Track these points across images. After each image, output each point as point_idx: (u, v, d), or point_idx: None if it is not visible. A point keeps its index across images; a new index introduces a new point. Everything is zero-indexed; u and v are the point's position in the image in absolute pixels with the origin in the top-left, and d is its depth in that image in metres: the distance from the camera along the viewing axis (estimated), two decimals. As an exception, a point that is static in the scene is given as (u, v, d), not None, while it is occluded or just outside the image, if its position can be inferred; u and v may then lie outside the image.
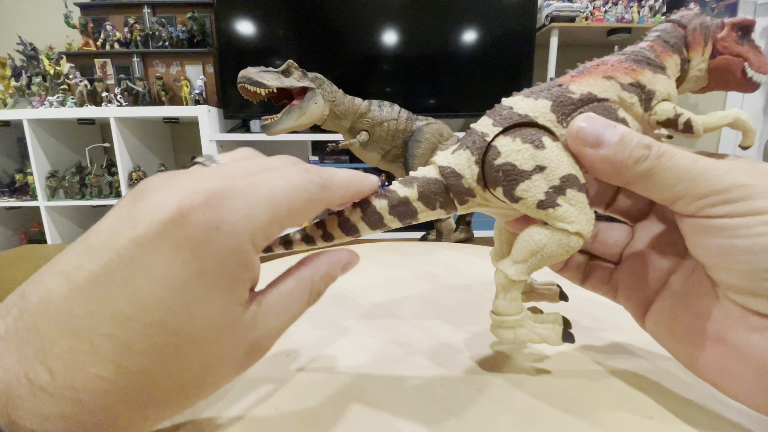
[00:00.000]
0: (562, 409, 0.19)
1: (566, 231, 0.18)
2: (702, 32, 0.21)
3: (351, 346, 0.26)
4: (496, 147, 0.19)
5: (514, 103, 0.19)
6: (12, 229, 2.00)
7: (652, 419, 0.19)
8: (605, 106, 0.19)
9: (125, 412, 0.14)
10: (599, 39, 1.84)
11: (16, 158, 1.99)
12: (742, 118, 0.19)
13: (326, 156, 1.76)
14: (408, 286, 0.37)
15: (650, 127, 0.20)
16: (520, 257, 0.19)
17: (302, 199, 0.17)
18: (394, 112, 0.54)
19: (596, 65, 0.20)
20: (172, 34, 1.84)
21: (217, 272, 0.14)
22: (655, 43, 0.20)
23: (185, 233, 0.14)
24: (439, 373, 0.23)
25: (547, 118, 0.19)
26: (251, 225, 0.15)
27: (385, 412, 0.19)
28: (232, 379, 0.17)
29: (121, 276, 0.13)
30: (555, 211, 0.18)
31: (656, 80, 0.19)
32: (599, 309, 0.30)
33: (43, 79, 1.77)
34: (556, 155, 0.18)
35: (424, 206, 0.20)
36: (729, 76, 0.21)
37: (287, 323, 0.17)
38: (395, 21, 1.71)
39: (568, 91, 0.19)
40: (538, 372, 0.23)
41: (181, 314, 0.14)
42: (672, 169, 0.16)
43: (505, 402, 0.20)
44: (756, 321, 0.16)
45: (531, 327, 0.20)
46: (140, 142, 1.84)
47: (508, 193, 0.19)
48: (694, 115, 0.19)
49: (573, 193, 0.18)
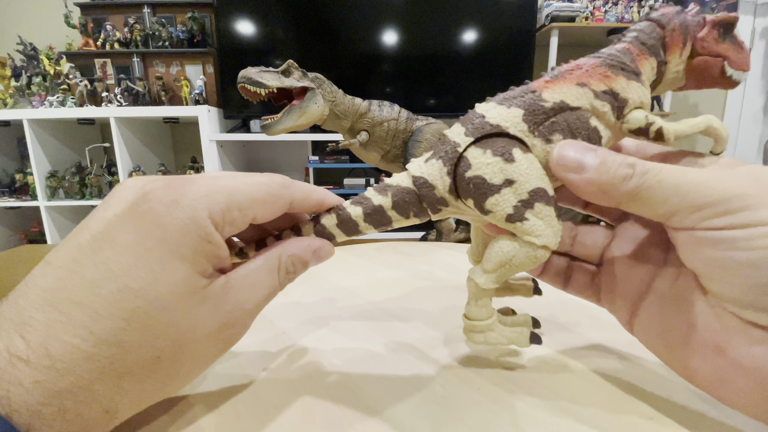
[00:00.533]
0: (562, 409, 0.19)
1: (533, 244, 0.18)
2: (681, 32, 0.20)
3: (350, 346, 0.26)
4: (467, 158, 0.19)
5: (487, 111, 0.19)
6: (12, 229, 2.00)
7: (652, 420, 0.19)
8: (578, 114, 0.19)
9: (100, 381, 0.14)
10: (599, 39, 1.84)
11: (16, 158, 1.99)
12: (714, 125, 0.19)
13: (326, 156, 1.75)
14: (408, 286, 0.37)
15: (622, 135, 0.20)
16: (490, 267, 0.20)
17: (261, 191, 0.18)
18: (394, 112, 0.54)
19: (571, 70, 0.19)
20: (172, 34, 1.84)
21: (178, 241, 0.15)
22: (632, 46, 0.20)
23: (148, 207, 0.15)
24: (439, 373, 0.23)
25: (519, 128, 0.19)
26: (209, 203, 0.16)
27: (384, 412, 0.19)
28: (210, 359, 0.18)
29: (91, 249, 0.14)
30: (523, 225, 0.18)
31: (630, 88, 0.19)
32: (599, 309, 0.30)
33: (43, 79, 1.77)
34: (526, 169, 0.18)
35: (398, 215, 0.21)
36: (707, 75, 0.21)
37: (260, 299, 0.18)
38: (395, 21, 1.71)
39: (540, 99, 0.19)
40: (537, 372, 0.23)
41: (146, 278, 0.15)
42: (661, 183, 0.16)
43: (504, 402, 0.20)
44: (757, 334, 0.15)
45: (500, 330, 0.21)
46: (140, 142, 1.84)
47: (479, 205, 0.19)
48: (666, 123, 0.19)
49: (541, 206, 0.18)
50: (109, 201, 0.16)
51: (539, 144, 0.19)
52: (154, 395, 0.16)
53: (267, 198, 0.18)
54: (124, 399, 0.15)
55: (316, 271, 0.42)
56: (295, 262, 0.20)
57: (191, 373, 0.17)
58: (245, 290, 0.18)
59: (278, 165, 2.13)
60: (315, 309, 0.32)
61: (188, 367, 0.17)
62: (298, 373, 0.23)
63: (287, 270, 0.20)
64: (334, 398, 0.20)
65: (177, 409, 0.20)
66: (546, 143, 0.19)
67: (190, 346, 0.16)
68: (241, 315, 0.18)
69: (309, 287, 0.37)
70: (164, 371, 0.16)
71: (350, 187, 1.77)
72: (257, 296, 0.18)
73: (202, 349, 0.17)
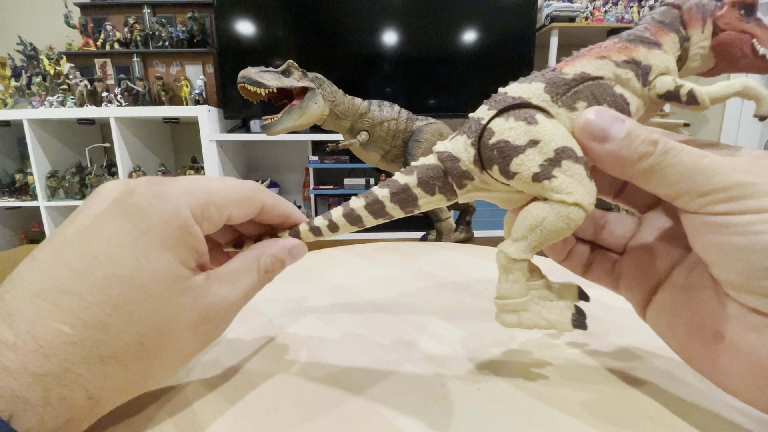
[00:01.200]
0: (562, 408, 0.19)
1: (564, 202, 0.17)
2: (699, 11, 0.20)
3: (351, 346, 0.26)
4: (491, 128, 0.19)
5: (509, 89, 0.19)
6: (12, 229, 2.00)
7: (653, 419, 0.19)
8: (600, 83, 0.18)
9: (84, 364, 0.14)
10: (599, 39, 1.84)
11: (16, 158, 1.99)
12: (751, 85, 0.18)
13: (326, 156, 1.75)
14: (408, 285, 0.37)
15: (653, 104, 0.20)
16: (520, 234, 0.18)
17: (237, 192, 0.20)
18: (394, 112, 0.54)
19: (589, 49, 0.19)
20: (172, 34, 1.84)
21: (161, 231, 0.16)
22: (650, 25, 0.20)
23: (132, 201, 0.16)
24: (439, 373, 0.23)
25: (541, 98, 0.18)
26: (189, 199, 0.17)
27: (384, 411, 0.19)
28: (191, 351, 0.18)
29: (78, 242, 0.15)
30: (551, 183, 0.17)
31: (651, 55, 0.19)
32: (599, 309, 0.30)
33: (43, 79, 1.77)
34: (550, 129, 0.18)
35: (423, 192, 0.20)
36: (737, 53, 0.20)
37: (240, 295, 0.19)
38: (395, 21, 1.71)
39: (561, 74, 0.19)
40: (538, 372, 0.23)
41: (130, 266, 0.15)
42: (677, 166, 0.16)
43: (505, 402, 0.20)
44: (755, 319, 0.16)
45: (537, 311, 0.19)
46: (140, 142, 1.84)
47: (504, 170, 0.18)
48: (698, 86, 0.18)
49: (569, 164, 0.17)
50: (93, 199, 0.17)
51: (564, 113, 0.18)
52: (137, 384, 0.17)
53: (242, 199, 0.20)
54: (107, 385, 0.15)
55: (317, 271, 0.42)
56: (273, 261, 0.21)
57: (173, 365, 0.18)
58: (226, 285, 0.19)
59: (278, 165, 2.13)
60: (315, 309, 0.32)
61: (170, 357, 0.17)
62: (298, 372, 0.23)
63: (266, 269, 0.21)
64: (334, 398, 0.20)
65: (177, 410, 0.20)
66: (570, 111, 0.18)
67: (172, 335, 0.17)
68: (222, 309, 0.18)
69: (309, 287, 0.37)
70: (147, 358, 0.16)
71: (350, 187, 1.77)
72: (237, 292, 0.19)
73: (183, 339, 0.17)
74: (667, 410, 0.19)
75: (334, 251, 0.48)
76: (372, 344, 0.26)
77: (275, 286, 0.37)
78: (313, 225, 0.22)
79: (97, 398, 0.15)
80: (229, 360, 0.24)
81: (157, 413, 0.19)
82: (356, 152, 0.56)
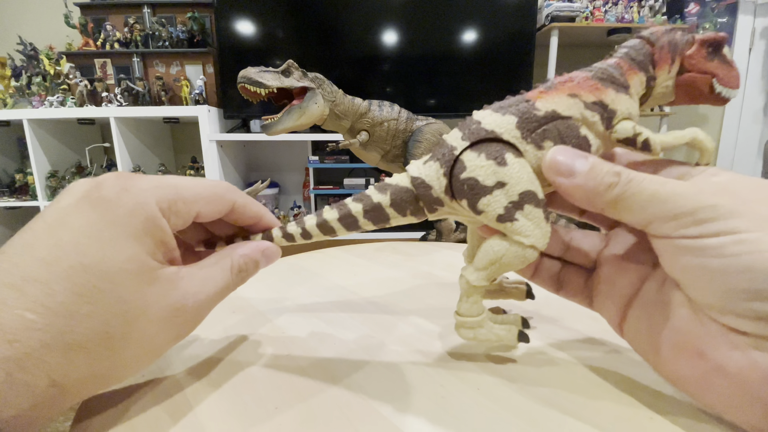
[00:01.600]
0: (562, 409, 0.19)
1: (522, 244, 0.19)
2: (670, 50, 0.21)
3: (351, 346, 0.26)
4: (463, 161, 0.20)
5: (483, 118, 0.20)
6: (12, 229, 2.00)
7: (653, 420, 0.19)
8: (568, 123, 0.20)
9: (48, 350, 0.15)
10: (599, 39, 1.84)
11: (16, 158, 1.99)
12: (699, 137, 0.20)
13: (326, 156, 1.75)
14: (408, 285, 0.37)
15: (611, 145, 0.21)
16: (481, 265, 0.21)
17: (207, 190, 0.20)
18: (394, 112, 0.54)
19: (564, 81, 0.20)
20: (172, 34, 1.84)
21: (127, 222, 0.17)
22: (623, 61, 0.21)
23: (100, 194, 0.17)
24: (439, 373, 0.23)
25: (512, 134, 0.19)
26: (157, 192, 0.18)
27: (385, 411, 0.19)
28: (162, 345, 0.19)
29: (46, 235, 0.16)
30: (513, 225, 0.19)
31: (618, 100, 0.20)
32: (599, 309, 0.30)
33: (43, 79, 1.77)
34: (517, 172, 0.19)
35: (395, 212, 0.22)
36: (696, 91, 0.21)
37: (212, 293, 0.19)
38: (395, 21, 1.71)
39: (533, 108, 0.20)
40: (538, 372, 0.23)
41: (96, 255, 0.16)
42: (641, 193, 0.17)
43: (505, 402, 0.20)
44: (736, 339, 0.16)
45: (490, 327, 0.22)
46: (140, 142, 1.84)
47: (472, 206, 0.20)
48: (653, 134, 0.20)
49: (530, 208, 0.19)
50: (64, 194, 0.17)
51: (531, 150, 0.20)
52: (105, 375, 0.17)
53: (211, 196, 0.20)
54: (72, 373, 0.15)
55: (317, 271, 0.42)
56: (247, 262, 0.21)
57: (143, 357, 0.18)
58: (197, 282, 0.19)
59: (278, 165, 2.13)
60: (315, 308, 0.32)
61: (139, 349, 0.17)
62: (298, 372, 0.23)
63: (240, 269, 0.21)
64: (334, 398, 0.21)
65: (178, 411, 0.20)
66: (538, 149, 0.20)
67: (140, 326, 0.17)
68: (194, 304, 0.18)
69: (309, 287, 0.37)
70: (114, 348, 0.16)
71: (350, 187, 1.77)
72: (209, 289, 0.19)
73: (152, 331, 0.17)
74: (667, 410, 0.19)
75: (334, 251, 0.48)
76: (372, 344, 0.26)
77: (275, 286, 0.37)
78: (287, 231, 0.23)
79: (61, 386, 0.15)
80: (230, 360, 0.24)
81: (157, 414, 0.19)
82: (356, 152, 0.56)
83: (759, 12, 2.11)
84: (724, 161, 2.13)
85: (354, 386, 0.22)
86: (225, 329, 0.28)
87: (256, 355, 0.25)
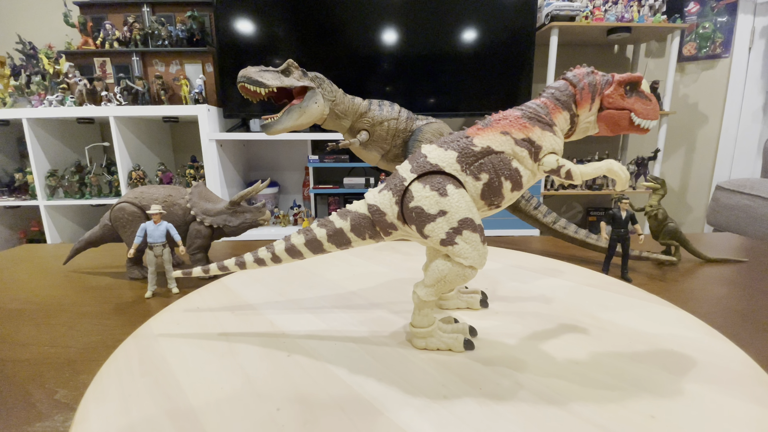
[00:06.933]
0: (564, 408, 0.20)
1: (462, 265, 0.22)
2: (590, 91, 0.24)
3: (351, 346, 0.26)
4: (411, 191, 0.23)
5: (429, 152, 0.24)
6: (12, 229, 2.00)
7: (654, 418, 0.19)
8: (501, 157, 0.23)
9: None
10: (599, 38, 1.84)
11: (15, 157, 1.99)
12: (614, 168, 0.23)
13: (326, 155, 1.75)
14: (408, 285, 0.37)
15: (540, 174, 0.24)
16: (429, 282, 0.24)
17: None
18: (394, 112, 0.53)
19: (498, 120, 0.23)
20: (172, 33, 1.83)
21: None
22: (549, 101, 0.24)
23: None
24: (440, 373, 0.23)
25: (453, 167, 0.23)
26: None
27: (386, 411, 0.19)
28: None
29: None
30: (453, 248, 0.22)
31: (544, 136, 0.23)
32: (599, 309, 0.30)
33: (43, 78, 1.76)
34: (456, 201, 0.22)
35: (355, 236, 0.25)
36: (616, 125, 0.25)
37: None
38: (395, 20, 1.71)
39: (471, 144, 0.23)
40: (539, 372, 0.23)
41: None
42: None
43: (506, 401, 0.20)
44: None
45: (439, 336, 0.25)
46: (140, 141, 1.83)
47: (419, 231, 0.23)
48: (574, 166, 0.23)
49: (468, 233, 0.22)
50: None
51: (470, 181, 0.23)
52: None
53: None
54: None
55: (316, 271, 0.42)
56: None
57: None
58: None
59: (278, 164, 2.13)
60: (315, 308, 0.32)
61: None
62: (299, 373, 0.23)
63: None
64: (335, 398, 0.20)
65: (178, 410, 0.20)
66: (476, 180, 0.23)
67: None
68: None
69: (309, 287, 0.37)
70: None
71: (350, 186, 1.77)
72: None
73: None
74: (668, 410, 0.19)
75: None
76: (372, 344, 0.26)
77: (275, 286, 0.37)
78: (258, 256, 0.26)
79: None
80: (230, 361, 0.24)
81: (157, 413, 0.19)
82: (356, 152, 0.56)
83: (759, 11, 2.11)
84: (724, 161, 2.13)
85: (355, 386, 0.22)
86: (225, 329, 0.28)
87: (256, 355, 0.25)
